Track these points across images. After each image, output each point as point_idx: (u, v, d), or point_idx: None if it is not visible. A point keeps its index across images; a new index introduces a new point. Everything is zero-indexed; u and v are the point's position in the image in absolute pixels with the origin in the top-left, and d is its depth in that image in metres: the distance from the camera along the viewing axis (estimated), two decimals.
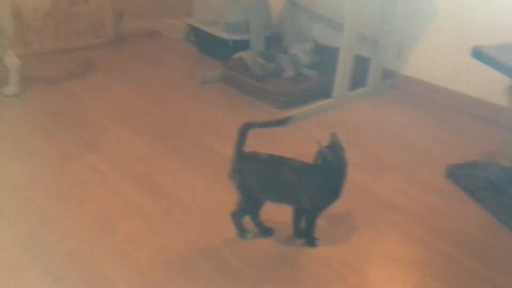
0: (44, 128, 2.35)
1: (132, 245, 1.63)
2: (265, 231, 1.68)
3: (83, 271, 1.52)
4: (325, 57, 3.03)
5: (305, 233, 1.65)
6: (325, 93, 2.69)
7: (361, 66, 2.76)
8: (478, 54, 1.92)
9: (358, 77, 2.76)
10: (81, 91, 2.77)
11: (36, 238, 1.65)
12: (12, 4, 2.86)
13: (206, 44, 3.37)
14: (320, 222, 1.65)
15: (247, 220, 1.66)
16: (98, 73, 3.00)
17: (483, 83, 2.56)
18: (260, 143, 1.60)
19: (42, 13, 3.14)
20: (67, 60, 3.12)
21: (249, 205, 1.62)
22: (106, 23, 3.39)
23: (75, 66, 3.06)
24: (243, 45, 3.12)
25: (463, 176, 2.05)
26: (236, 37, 3.17)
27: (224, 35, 3.18)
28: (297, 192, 1.57)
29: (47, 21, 3.18)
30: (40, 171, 2.02)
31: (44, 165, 2.06)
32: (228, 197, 1.63)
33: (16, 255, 1.57)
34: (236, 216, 1.64)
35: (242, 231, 1.65)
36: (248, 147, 1.58)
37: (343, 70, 2.58)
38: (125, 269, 1.52)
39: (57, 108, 2.56)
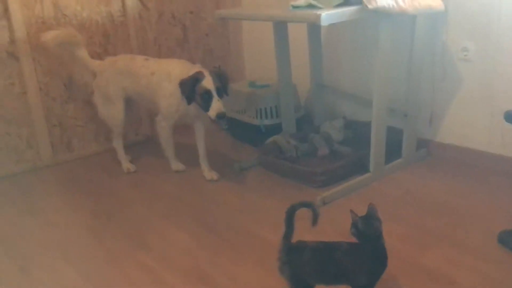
0: (93, 228, 2.43)
1: None
2: None
3: None
4: (357, 132, 3.08)
5: None
6: (362, 168, 2.71)
7: (395, 137, 2.79)
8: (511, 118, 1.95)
9: (394, 148, 2.79)
10: (123, 188, 2.88)
11: None
12: None
13: (239, 131, 3.49)
14: None
15: None
16: (138, 169, 3.12)
17: None
18: (302, 226, 1.61)
19: (85, 118, 3.35)
20: (107, 160, 3.28)
21: None
22: (143, 122, 3.59)
23: (115, 165, 3.19)
24: (275, 128, 3.23)
25: None
26: (267, 122, 3.29)
27: (256, 121, 3.30)
28: (352, 273, 1.56)
29: (89, 125, 3.38)
30: (92, 273, 2.06)
31: (95, 266, 2.11)
32: (280, 284, 1.62)
33: None
34: None
35: None
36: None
37: (376, 144, 2.62)
38: None
39: (102, 207, 2.65)
